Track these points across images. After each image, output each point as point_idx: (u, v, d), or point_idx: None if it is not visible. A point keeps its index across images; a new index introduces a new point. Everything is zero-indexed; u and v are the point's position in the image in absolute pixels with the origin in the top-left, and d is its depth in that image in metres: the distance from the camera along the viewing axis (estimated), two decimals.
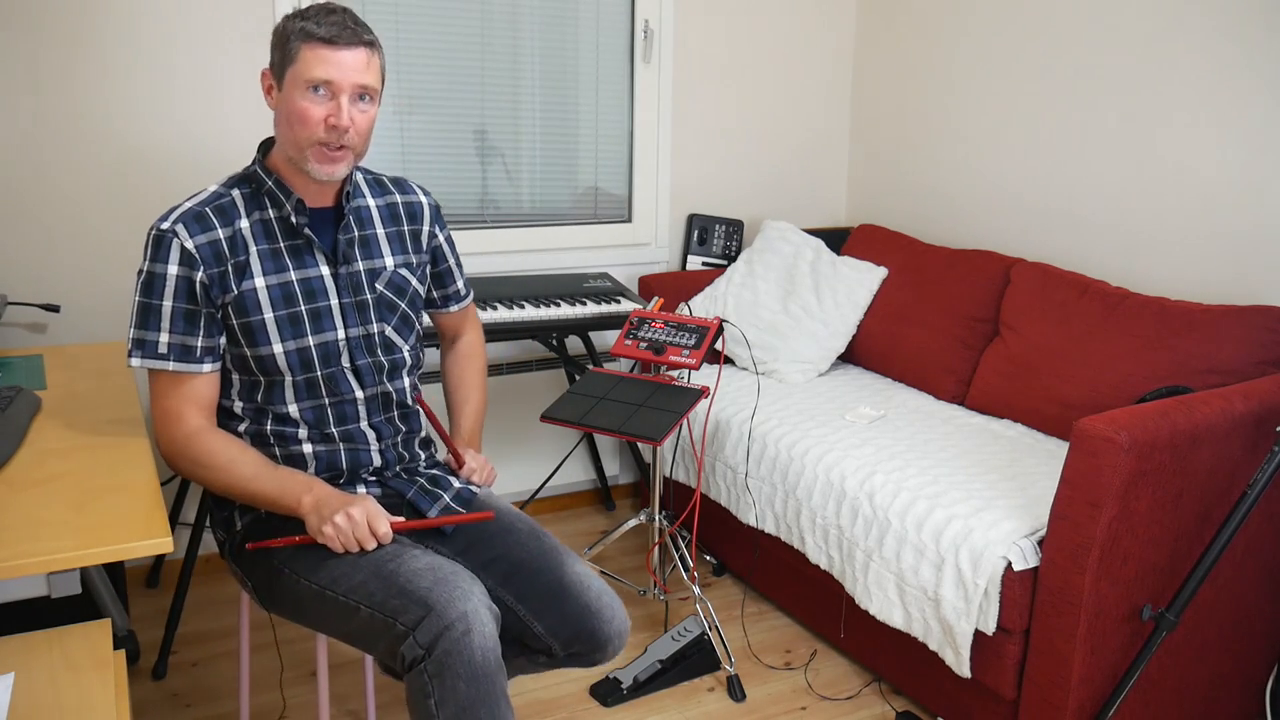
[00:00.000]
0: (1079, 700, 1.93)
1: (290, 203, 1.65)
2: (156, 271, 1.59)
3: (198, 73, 2.64)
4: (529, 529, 1.76)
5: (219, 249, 1.61)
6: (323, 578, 1.58)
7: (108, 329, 2.66)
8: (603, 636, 1.66)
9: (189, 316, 1.60)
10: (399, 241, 1.80)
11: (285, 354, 1.65)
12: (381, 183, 1.83)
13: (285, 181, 1.66)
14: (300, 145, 1.60)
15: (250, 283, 1.63)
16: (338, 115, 1.58)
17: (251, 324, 1.63)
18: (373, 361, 1.73)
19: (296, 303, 1.66)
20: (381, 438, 1.76)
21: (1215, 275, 2.48)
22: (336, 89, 1.58)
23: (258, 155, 1.69)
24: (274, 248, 1.65)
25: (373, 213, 1.78)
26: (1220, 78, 2.44)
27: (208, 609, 2.70)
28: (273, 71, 1.63)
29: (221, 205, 1.64)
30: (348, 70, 1.58)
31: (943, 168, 3.24)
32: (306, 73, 1.57)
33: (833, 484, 2.33)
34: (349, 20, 1.59)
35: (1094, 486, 1.83)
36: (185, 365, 1.61)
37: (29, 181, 2.52)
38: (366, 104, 1.62)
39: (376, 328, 1.73)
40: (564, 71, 3.16)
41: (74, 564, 1.30)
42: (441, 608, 1.46)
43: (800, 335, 2.97)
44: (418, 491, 1.76)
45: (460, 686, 1.44)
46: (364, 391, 1.73)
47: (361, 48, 1.59)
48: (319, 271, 1.68)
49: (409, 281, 1.80)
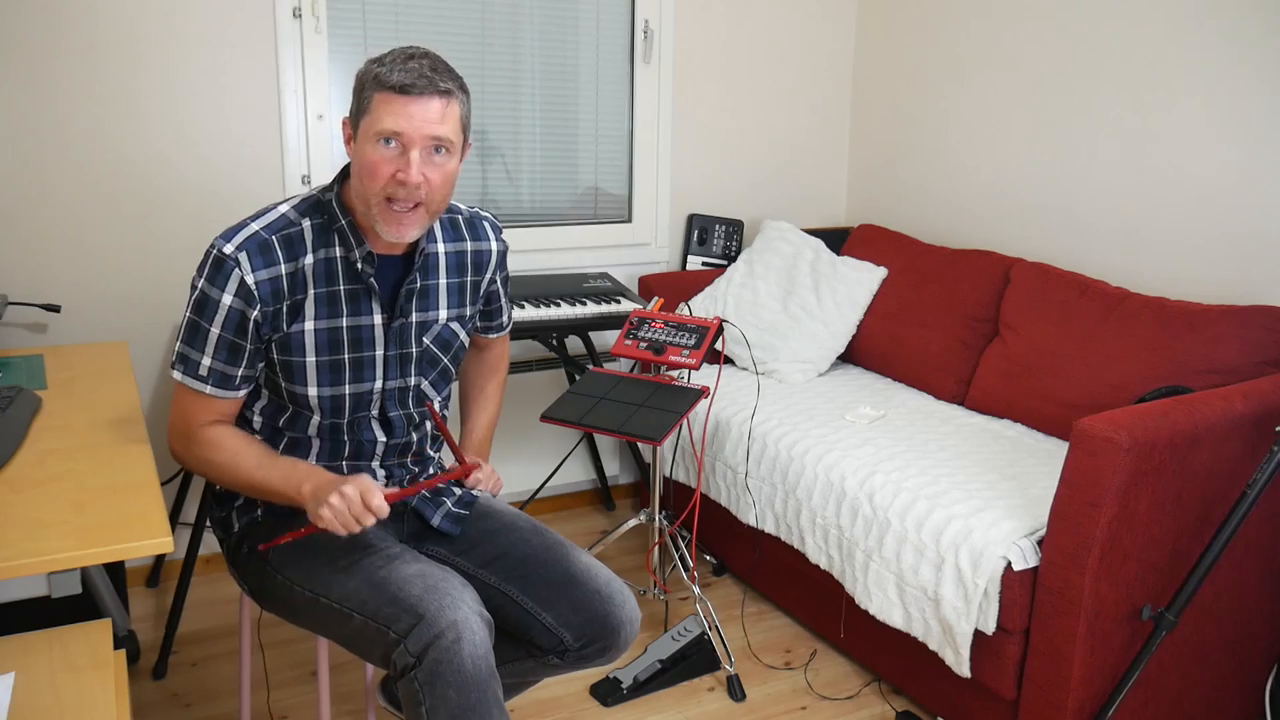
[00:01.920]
0: (1079, 700, 1.93)
1: (360, 252, 1.58)
2: (211, 296, 1.53)
3: (198, 73, 2.64)
4: (530, 526, 1.76)
5: (279, 286, 1.54)
6: (316, 585, 1.57)
7: (108, 329, 2.66)
8: (615, 621, 1.66)
9: (233, 349, 1.56)
10: (458, 294, 1.73)
11: (319, 397, 1.62)
12: (456, 224, 1.74)
13: (359, 225, 1.58)
14: (368, 200, 1.52)
15: (300, 325, 1.58)
16: (406, 171, 1.49)
17: (293, 364, 1.60)
18: (404, 414, 1.70)
19: (341, 350, 1.61)
20: (391, 478, 1.74)
21: (1215, 275, 2.48)
22: (407, 142, 1.48)
23: (335, 184, 1.60)
24: (332, 290, 1.59)
25: (440, 260, 1.70)
26: (1220, 78, 2.44)
27: (208, 609, 2.70)
28: (350, 120, 1.56)
29: (289, 236, 1.56)
30: (419, 122, 1.48)
31: (943, 168, 3.24)
32: (377, 124, 1.48)
33: (833, 484, 2.33)
34: (427, 68, 1.49)
35: (1094, 486, 1.83)
36: (222, 392, 1.59)
37: (29, 182, 2.52)
38: (442, 157, 1.52)
39: (414, 380, 1.70)
40: (564, 71, 3.16)
41: (74, 564, 1.30)
42: (432, 616, 1.45)
43: (800, 335, 2.97)
44: (420, 500, 1.76)
45: (451, 694, 1.44)
46: (388, 440, 1.70)
47: (436, 98, 1.48)
48: (372, 321, 1.63)
49: (457, 336, 1.74)
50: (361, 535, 1.62)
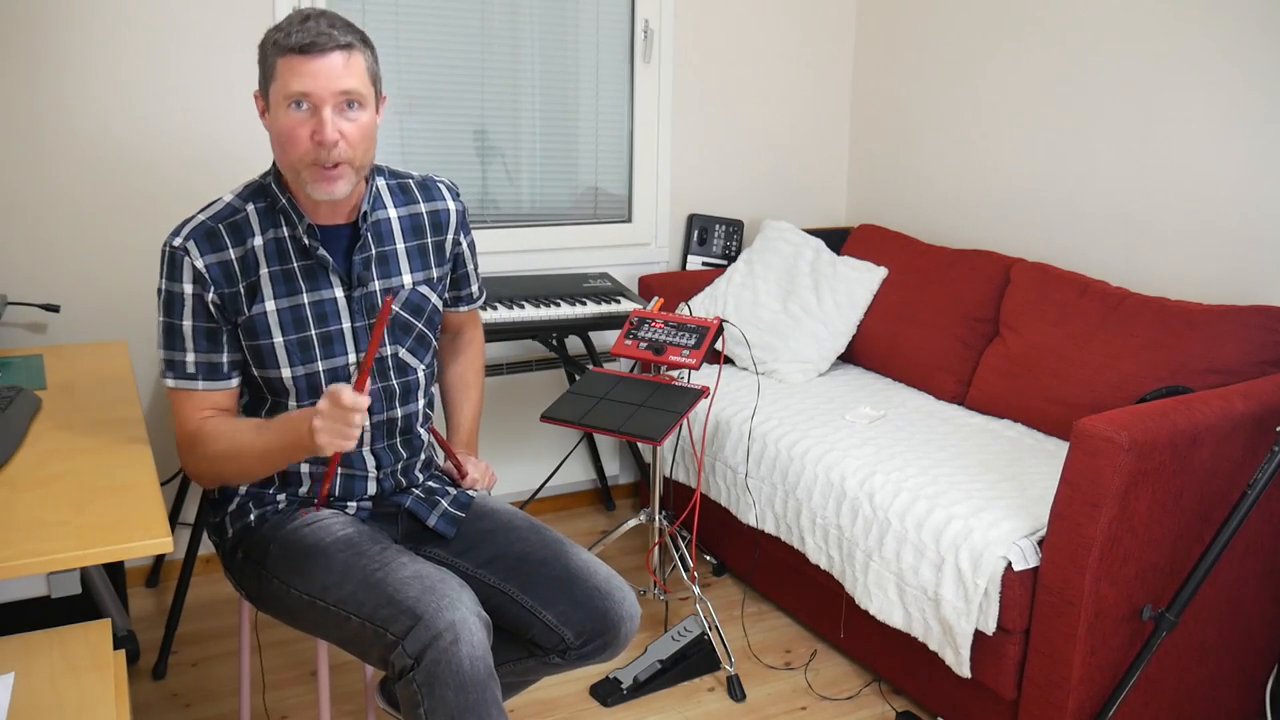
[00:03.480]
0: (1079, 700, 1.93)
1: (301, 226, 1.59)
2: (174, 290, 1.56)
3: (198, 72, 2.64)
4: (528, 524, 1.76)
5: (230, 269, 1.56)
6: (312, 587, 1.57)
7: (108, 329, 2.66)
8: (615, 617, 1.65)
9: (210, 335, 1.57)
10: (420, 256, 1.72)
11: (294, 378, 1.63)
12: (407, 188, 1.73)
13: (297, 201, 1.60)
14: (294, 167, 1.53)
15: (261, 306, 1.59)
16: (321, 130, 1.48)
17: (261, 347, 1.61)
18: (384, 387, 1.70)
19: (307, 326, 1.62)
20: (381, 465, 1.73)
21: (1215, 275, 2.48)
22: (316, 100, 1.48)
23: (272, 167, 1.62)
24: (286, 269, 1.60)
25: (393, 225, 1.69)
26: (1220, 78, 2.44)
27: (208, 609, 2.70)
28: (260, 92, 1.56)
29: (235, 222, 1.58)
30: (324, 79, 1.47)
31: (942, 168, 3.24)
32: (284, 88, 1.48)
33: (833, 484, 2.33)
34: (324, 24, 1.48)
35: (1094, 486, 1.83)
36: (214, 383, 1.59)
37: (29, 181, 2.52)
38: (355, 111, 1.52)
39: (390, 349, 1.69)
40: (564, 71, 3.15)
41: (74, 564, 1.30)
42: (430, 617, 1.45)
43: (800, 335, 2.97)
44: (415, 500, 1.76)
45: (449, 695, 1.44)
46: (371, 418, 1.69)
47: (337, 52, 1.48)
48: (333, 294, 1.63)
49: (428, 299, 1.73)
50: (357, 537, 1.61)
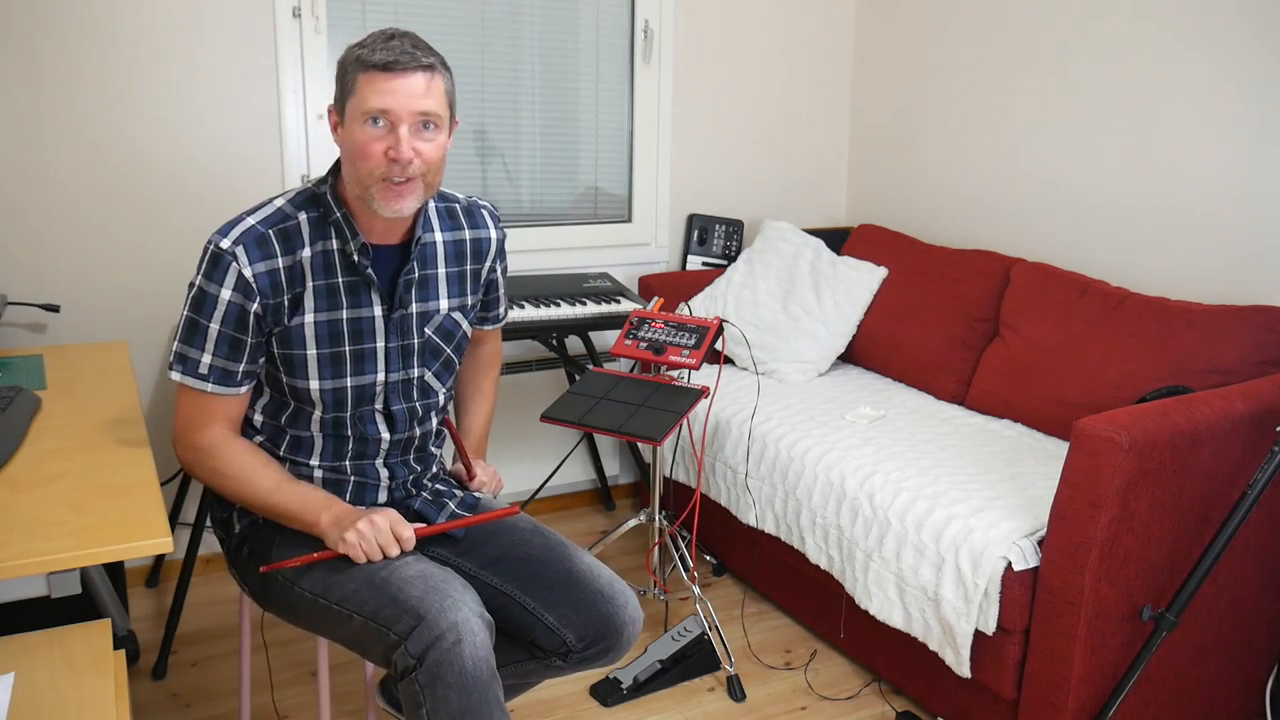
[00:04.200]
0: (1079, 700, 1.93)
1: (355, 244, 1.58)
2: (209, 292, 1.53)
3: (198, 73, 2.64)
4: (531, 526, 1.76)
5: (277, 279, 1.55)
6: (316, 586, 1.57)
7: (108, 329, 2.66)
8: (618, 622, 1.65)
9: (234, 344, 1.56)
10: (458, 283, 1.72)
11: (321, 390, 1.62)
12: (454, 213, 1.74)
13: (354, 217, 1.59)
14: (364, 182, 1.52)
15: (301, 318, 1.58)
16: (398, 147, 1.49)
17: (293, 357, 1.60)
18: (407, 407, 1.70)
19: (342, 342, 1.61)
20: (394, 477, 1.73)
21: (1215, 275, 2.48)
22: (395, 119, 1.49)
23: (329, 177, 1.61)
24: (331, 283, 1.59)
25: (438, 250, 1.69)
26: (1220, 78, 2.44)
27: (208, 609, 2.70)
28: (335, 106, 1.57)
29: (286, 230, 1.56)
30: (404, 98, 1.49)
31: (942, 168, 3.24)
32: (363, 104, 1.49)
33: (833, 484, 2.33)
34: (407, 44, 1.50)
35: (1094, 486, 1.83)
36: (224, 389, 1.58)
37: (29, 181, 2.52)
38: (431, 132, 1.53)
39: (417, 372, 1.69)
40: (564, 71, 3.16)
41: (74, 564, 1.30)
42: (433, 617, 1.45)
43: (800, 335, 2.97)
44: (423, 502, 1.75)
45: (451, 696, 1.43)
46: (391, 435, 1.69)
47: (420, 73, 1.50)
48: (372, 313, 1.63)
49: (459, 326, 1.74)
50: None
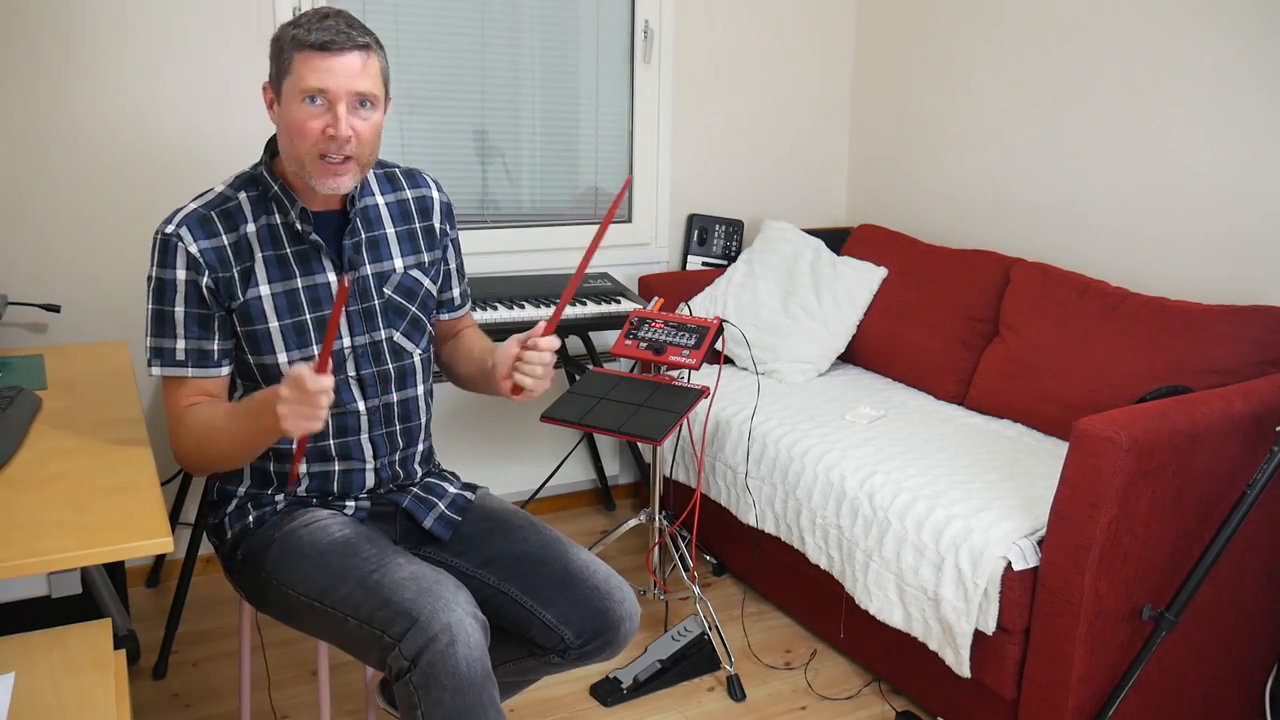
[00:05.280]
0: (1079, 700, 1.93)
1: (295, 210, 1.61)
2: (165, 277, 1.57)
3: (198, 72, 2.64)
4: (528, 524, 1.76)
5: (224, 255, 1.58)
6: (311, 589, 1.57)
7: (108, 329, 2.66)
8: (615, 616, 1.65)
9: (202, 321, 1.58)
10: (410, 240, 1.75)
11: (290, 363, 1.63)
12: (393, 177, 1.77)
13: (291, 188, 1.62)
14: (301, 159, 1.55)
15: (255, 290, 1.60)
16: (335, 125, 1.52)
17: (256, 332, 1.62)
18: (378, 371, 1.70)
19: (302, 311, 1.63)
20: (378, 454, 1.73)
21: (1215, 275, 2.48)
22: (332, 97, 1.52)
23: (265, 156, 1.65)
24: (280, 254, 1.62)
25: (381, 211, 1.73)
26: (1220, 78, 2.44)
27: (208, 609, 2.70)
28: (271, 84, 1.59)
29: (227, 209, 1.61)
30: (342, 77, 1.51)
31: (942, 168, 3.24)
32: (300, 83, 1.51)
33: (833, 484, 2.33)
34: (343, 24, 1.53)
35: (1094, 486, 1.83)
36: (203, 370, 1.60)
37: (29, 181, 2.52)
38: (368, 110, 1.56)
39: (384, 334, 1.70)
40: (564, 71, 3.15)
41: (74, 564, 1.30)
42: (426, 619, 1.45)
43: (800, 335, 2.97)
44: (413, 500, 1.76)
45: (445, 698, 1.43)
46: (367, 403, 1.69)
47: (356, 52, 1.52)
48: (326, 279, 1.65)
49: (420, 283, 1.75)
50: (355, 538, 1.61)
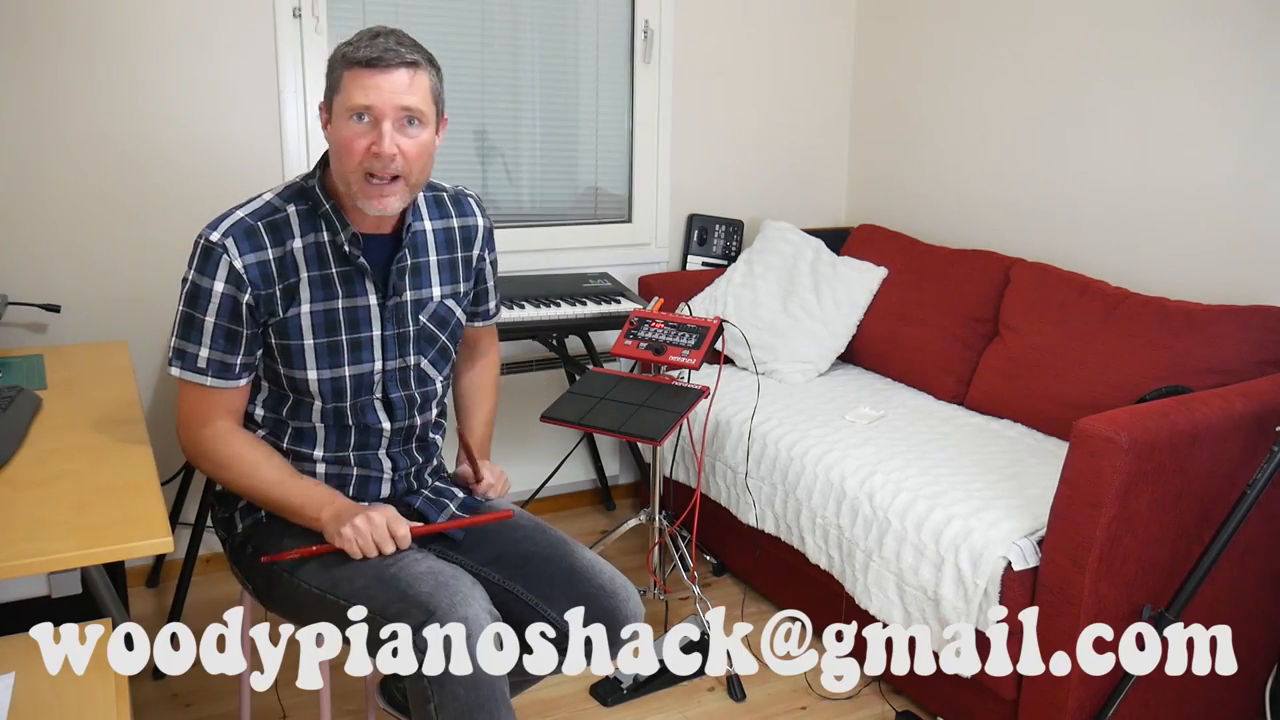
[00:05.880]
0: (1079, 700, 1.93)
1: (345, 235, 1.60)
2: (203, 286, 1.55)
3: (198, 73, 2.64)
4: (533, 524, 1.76)
5: (268, 270, 1.56)
6: (323, 581, 1.57)
7: (108, 329, 2.66)
8: (620, 616, 1.66)
9: (230, 336, 1.57)
10: (450, 270, 1.74)
11: (319, 381, 1.63)
12: (441, 202, 1.75)
13: (342, 208, 1.60)
14: (347, 179, 1.54)
15: (296, 309, 1.59)
16: (380, 143, 1.50)
17: (290, 348, 1.61)
18: (405, 395, 1.71)
19: (338, 331, 1.62)
20: (396, 468, 1.74)
21: (1215, 275, 2.48)
22: (378, 114, 1.51)
23: (316, 170, 1.63)
24: (325, 274, 1.61)
25: (428, 238, 1.71)
26: (1220, 77, 2.44)
27: (208, 609, 2.70)
28: (324, 103, 1.58)
29: (275, 222, 1.58)
30: (387, 94, 1.50)
31: (943, 168, 3.24)
32: (348, 100, 1.51)
33: (833, 484, 2.33)
34: (393, 41, 1.52)
35: (1094, 486, 1.83)
36: (223, 382, 1.60)
37: (29, 181, 2.52)
38: (415, 129, 1.54)
39: (413, 360, 1.70)
40: (564, 71, 3.16)
41: (75, 564, 1.30)
42: (442, 613, 1.45)
43: (800, 335, 2.97)
44: (424, 501, 1.76)
45: (460, 692, 1.44)
46: (392, 424, 1.70)
47: (403, 69, 1.51)
48: (367, 301, 1.64)
49: (453, 313, 1.76)
50: None
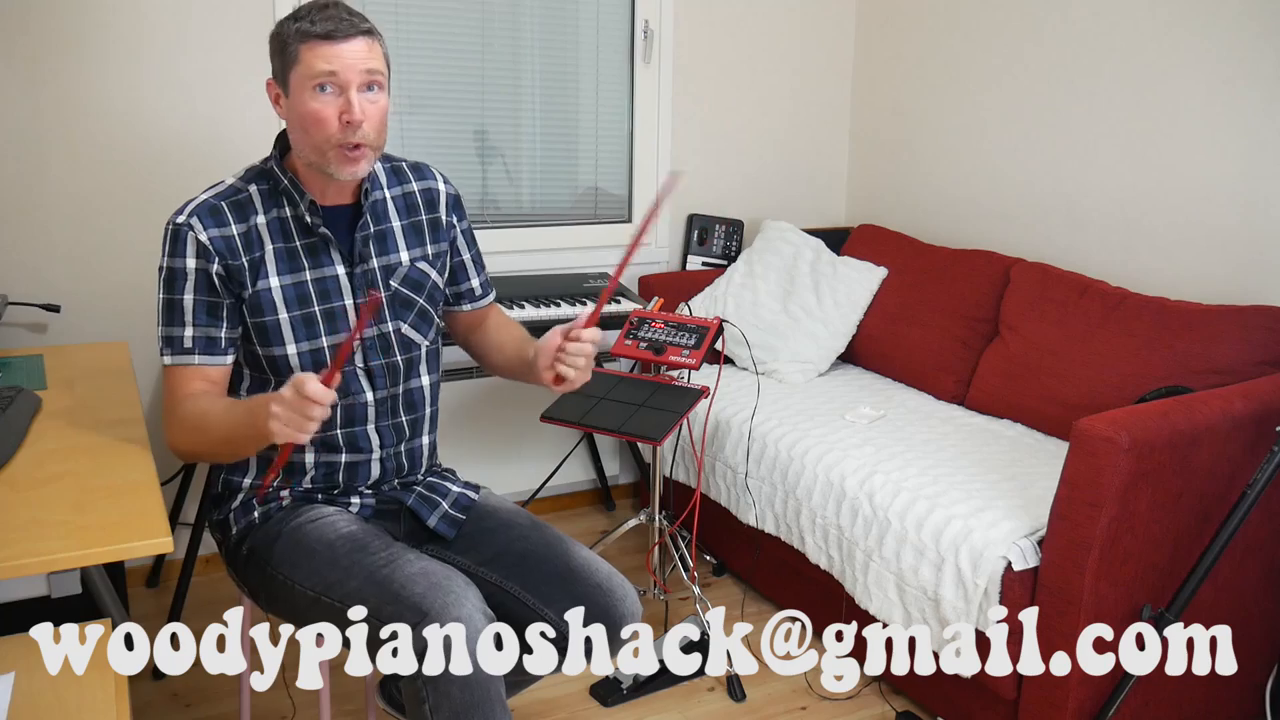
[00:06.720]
0: (1079, 700, 1.93)
1: (304, 203, 1.63)
2: (176, 266, 1.58)
3: (198, 73, 2.64)
4: (530, 522, 1.76)
5: (233, 244, 1.59)
6: (317, 584, 1.57)
7: (108, 329, 2.66)
8: (617, 615, 1.66)
9: (211, 309, 1.59)
10: (415, 234, 1.76)
11: (299, 354, 1.64)
12: (400, 170, 1.78)
13: (301, 182, 1.64)
14: (320, 149, 1.56)
15: (265, 282, 1.62)
16: (350, 110, 1.53)
17: (266, 324, 1.62)
18: (387, 363, 1.71)
19: (311, 303, 1.64)
20: (384, 444, 1.74)
21: (1215, 275, 2.48)
22: (344, 82, 1.53)
23: (274, 151, 1.67)
24: (290, 246, 1.64)
25: (389, 205, 1.74)
26: (1220, 77, 2.43)
27: (208, 609, 2.70)
28: (276, 80, 1.60)
29: (238, 201, 1.62)
30: (350, 61, 1.53)
31: (942, 168, 3.24)
32: (310, 72, 1.53)
33: (833, 484, 2.33)
34: (343, 12, 1.55)
35: (1094, 486, 1.83)
36: (209, 358, 1.60)
37: (29, 180, 2.52)
38: (376, 93, 1.58)
39: (392, 326, 1.71)
40: (564, 71, 3.15)
41: (74, 564, 1.30)
42: (436, 613, 1.45)
43: (800, 335, 2.97)
44: (416, 499, 1.76)
45: (454, 692, 1.44)
46: (375, 394, 1.70)
47: (360, 37, 1.55)
48: (335, 271, 1.66)
49: (427, 275, 1.76)
50: (362, 534, 1.62)
